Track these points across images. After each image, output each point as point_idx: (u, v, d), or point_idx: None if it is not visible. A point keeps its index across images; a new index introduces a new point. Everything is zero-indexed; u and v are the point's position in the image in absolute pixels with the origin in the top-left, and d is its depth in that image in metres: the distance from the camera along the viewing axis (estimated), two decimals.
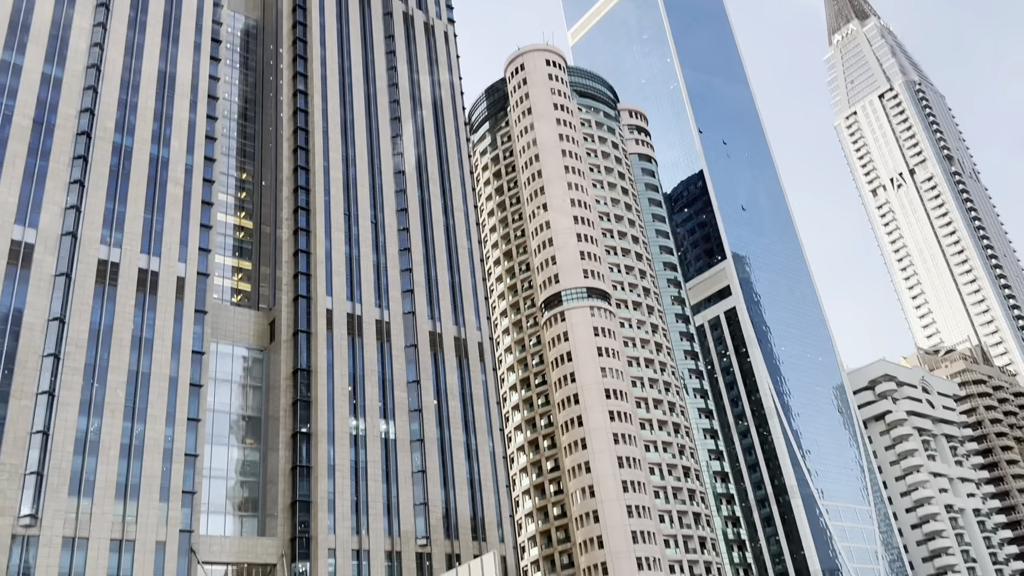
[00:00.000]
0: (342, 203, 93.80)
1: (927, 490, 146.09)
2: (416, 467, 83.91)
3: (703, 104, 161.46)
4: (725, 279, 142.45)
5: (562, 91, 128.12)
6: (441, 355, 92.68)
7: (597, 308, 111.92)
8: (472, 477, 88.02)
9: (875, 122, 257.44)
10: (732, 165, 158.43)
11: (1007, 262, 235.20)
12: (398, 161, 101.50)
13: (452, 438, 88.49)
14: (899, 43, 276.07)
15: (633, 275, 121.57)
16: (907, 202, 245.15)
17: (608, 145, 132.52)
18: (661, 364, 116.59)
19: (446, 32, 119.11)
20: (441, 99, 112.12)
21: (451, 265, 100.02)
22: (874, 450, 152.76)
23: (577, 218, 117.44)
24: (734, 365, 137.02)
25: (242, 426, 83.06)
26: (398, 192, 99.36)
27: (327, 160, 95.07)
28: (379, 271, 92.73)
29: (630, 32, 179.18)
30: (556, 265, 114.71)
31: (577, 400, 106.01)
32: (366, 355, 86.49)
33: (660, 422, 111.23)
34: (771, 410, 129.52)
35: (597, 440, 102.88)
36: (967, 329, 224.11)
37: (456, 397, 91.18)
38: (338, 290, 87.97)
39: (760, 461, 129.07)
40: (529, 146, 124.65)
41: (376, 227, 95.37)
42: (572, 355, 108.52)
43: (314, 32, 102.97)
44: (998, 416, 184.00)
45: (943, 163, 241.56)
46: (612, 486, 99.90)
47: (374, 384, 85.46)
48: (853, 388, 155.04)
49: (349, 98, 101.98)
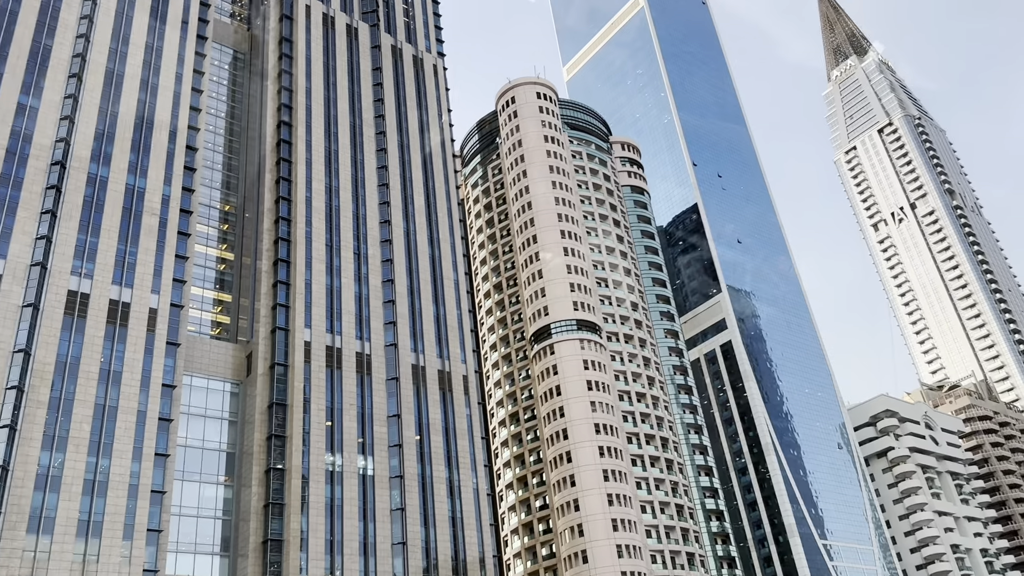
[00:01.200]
0: (324, 234, 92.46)
1: (932, 529, 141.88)
2: (395, 505, 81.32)
3: (697, 137, 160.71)
4: (721, 312, 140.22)
5: (553, 123, 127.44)
6: (424, 388, 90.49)
7: (587, 341, 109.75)
8: (454, 515, 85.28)
9: (875, 157, 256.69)
10: (727, 198, 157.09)
11: (1012, 296, 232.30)
12: (383, 192, 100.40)
13: (434, 474, 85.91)
14: (898, 78, 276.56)
15: (625, 308, 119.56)
16: (908, 236, 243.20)
17: (600, 177, 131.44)
18: (654, 399, 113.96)
19: (435, 65, 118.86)
20: (429, 131, 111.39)
21: (436, 297, 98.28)
22: (876, 488, 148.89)
23: (567, 250, 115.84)
24: (731, 400, 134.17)
25: (216, 462, 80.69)
26: (383, 223, 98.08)
27: (310, 190, 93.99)
28: (361, 302, 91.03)
29: (624, 68, 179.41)
30: (546, 297, 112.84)
31: (566, 435, 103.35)
32: (345, 388, 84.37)
33: (652, 458, 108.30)
34: (768, 446, 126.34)
35: (586, 477, 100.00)
36: (972, 365, 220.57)
37: (439, 432, 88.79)
38: (317, 322, 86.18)
39: (758, 499, 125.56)
40: (519, 178, 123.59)
41: (359, 258, 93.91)
42: (561, 389, 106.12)
43: (299, 64, 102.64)
44: (1004, 453, 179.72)
45: (944, 197, 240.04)
46: (601, 525, 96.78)
47: (353, 418, 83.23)
48: (854, 424, 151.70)
49: (334, 129, 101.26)
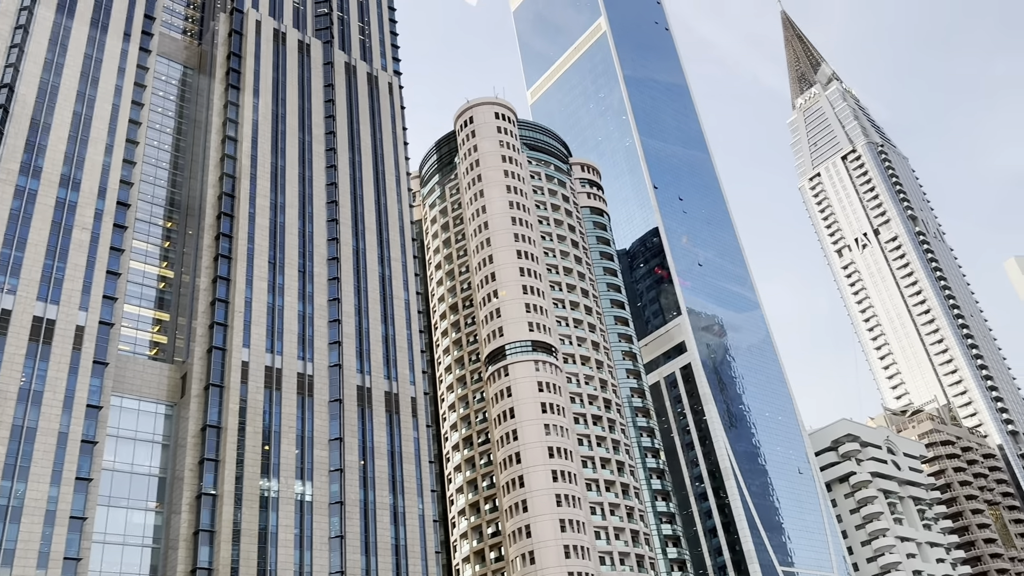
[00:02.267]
0: (267, 251, 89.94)
1: (894, 555, 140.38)
2: (334, 532, 78.16)
3: (658, 161, 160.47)
4: (681, 335, 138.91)
5: (511, 144, 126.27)
6: (369, 411, 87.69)
7: (542, 362, 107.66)
8: (398, 543, 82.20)
9: (839, 183, 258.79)
10: (688, 221, 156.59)
11: (974, 322, 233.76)
12: (332, 209, 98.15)
13: (377, 500, 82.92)
14: (861, 106, 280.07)
15: (582, 329, 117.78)
16: (872, 262, 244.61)
17: (558, 198, 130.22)
18: (610, 421, 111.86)
19: (391, 83, 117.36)
20: (383, 149, 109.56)
21: (385, 316, 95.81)
22: (839, 513, 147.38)
23: (523, 270, 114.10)
24: (691, 424, 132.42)
25: (146, 487, 77.14)
26: (331, 240, 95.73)
27: (253, 207, 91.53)
28: (305, 322, 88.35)
29: (587, 91, 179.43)
30: (501, 318, 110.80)
31: (519, 459, 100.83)
32: (284, 411, 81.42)
33: (607, 483, 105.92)
34: (728, 471, 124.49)
35: (538, 502, 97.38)
36: (936, 390, 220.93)
37: (384, 456, 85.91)
38: (257, 341, 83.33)
39: (718, 525, 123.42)
40: (476, 198, 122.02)
41: (304, 276, 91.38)
42: (515, 411, 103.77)
43: (247, 79, 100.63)
44: (967, 478, 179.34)
45: (907, 223, 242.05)
46: (553, 552, 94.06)
47: (291, 442, 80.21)
48: (816, 449, 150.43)
49: (282, 145, 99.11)
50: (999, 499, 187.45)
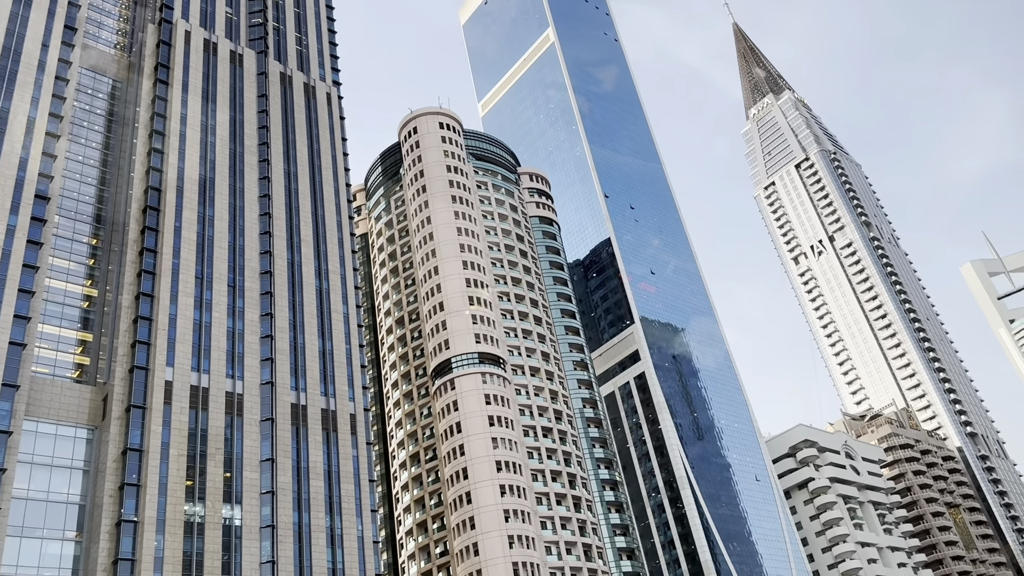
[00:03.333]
0: (194, 265, 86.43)
1: (855, 561, 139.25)
2: (265, 557, 74.46)
3: (609, 170, 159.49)
4: (634, 344, 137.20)
5: (456, 154, 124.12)
6: (304, 429, 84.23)
7: (490, 375, 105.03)
8: (335, 567, 78.68)
9: (793, 192, 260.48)
10: (640, 229, 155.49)
11: (931, 326, 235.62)
12: (265, 222, 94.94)
13: (312, 523, 79.38)
14: (813, 115, 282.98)
15: (531, 340, 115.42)
16: (828, 269, 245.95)
17: (506, 208, 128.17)
18: (561, 433, 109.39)
19: (329, 94, 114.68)
20: (320, 160, 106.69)
21: (323, 331, 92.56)
22: (799, 520, 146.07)
23: (469, 281, 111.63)
24: (646, 434, 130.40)
25: (63, 515, 72.90)
26: (263, 254, 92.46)
27: (179, 220, 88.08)
28: (235, 338, 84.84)
29: (537, 102, 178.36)
30: (447, 330, 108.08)
31: (466, 475, 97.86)
32: (211, 432, 77.75)
33: (559, 496, 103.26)
34: (683, 480, 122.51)
35: (486, 519, 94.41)
36: (895, 394, 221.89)
37: (320, 476, 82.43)
38: (181, 360, 79.68)
39: (675, 536, 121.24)
40: (421, 209, 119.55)
41: (234, 291, 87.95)
42: (462, 426, 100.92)
43: (175, 90, 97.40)
44: (927, 481, 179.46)
45: (861, 229, 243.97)
46: (502, 570, 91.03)
47: (219, 464, 76.50)
48: (774, 455, 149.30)
49: (211, 157, 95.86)
50: (959, 501, 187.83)
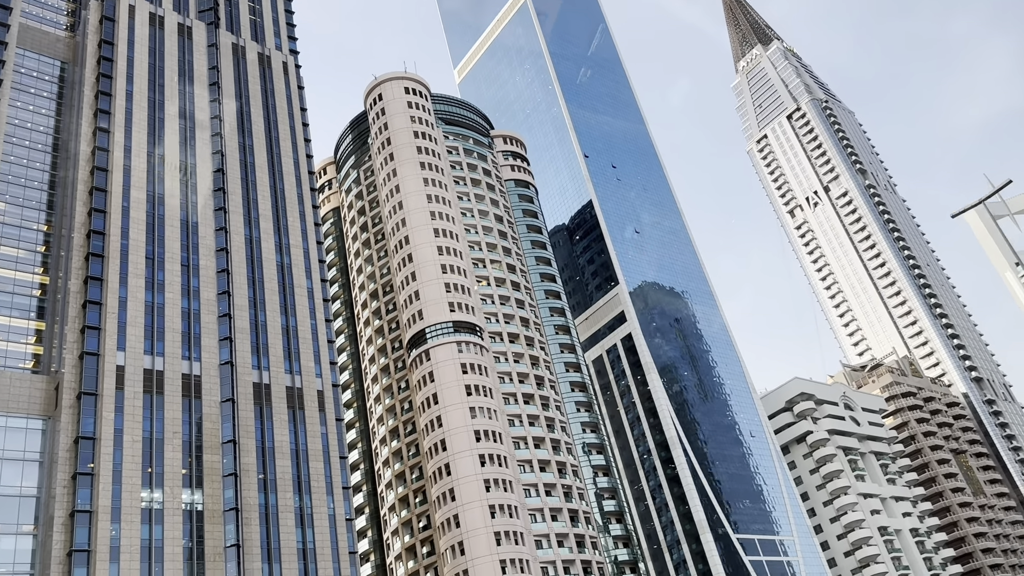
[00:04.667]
0: (144, 246, 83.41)
1: (857, 513, 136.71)
2: (230, 541, 72.11)
3: (588, 129, 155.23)
4: (619, 305, 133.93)
5: (423, 119, 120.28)
6: (268, 409, 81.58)
7: (466, 343, 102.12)
8: (305, 547, 76.30)
9: (786, 143, 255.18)
10: (623, 189, 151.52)
11: (931, 272, 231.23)
12: (219, 198, 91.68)
13: (279, 503, 76.93)
14: (804, 64, 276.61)
15: (509, 306, 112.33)
16: (824, 220, 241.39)
17: (479, 172, 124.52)
18: (543, 399, 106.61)
19: (285, 63, 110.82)
20: (277, 132, 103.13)
21: (285, 307, 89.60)
22: (799, 475, 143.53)
23: (442, 249, 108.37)
24: (635, 396, 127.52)
25: (16, 509, 70.65)
26: (219, 231, 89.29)
27: (127, 200, 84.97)
28: (191, 318, 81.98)
29: (512, 64, 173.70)
30: (420, 301, 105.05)
31: (445, 446, 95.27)
32: (168, 415, 75.15)
33: (542, 462, 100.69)
34: (674, 440, 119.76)
35: (466, 490, 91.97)
36: (897, 343, 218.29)
37: (286, 456, 79.90)
38: (133, 343, 76.94)
39: (668, 498, 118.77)
40: (390, 177, 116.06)
41: (188, 270, 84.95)
42: (439, 397, 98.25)
43: (120, 67, 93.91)
44: (931, 428, 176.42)
45: (856, 177, 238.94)
46: (484, 541, 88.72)
47: (177, 448, 73.99)
48: (771, 411, 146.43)
49: (161, 133, 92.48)
50: (965, 447, 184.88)
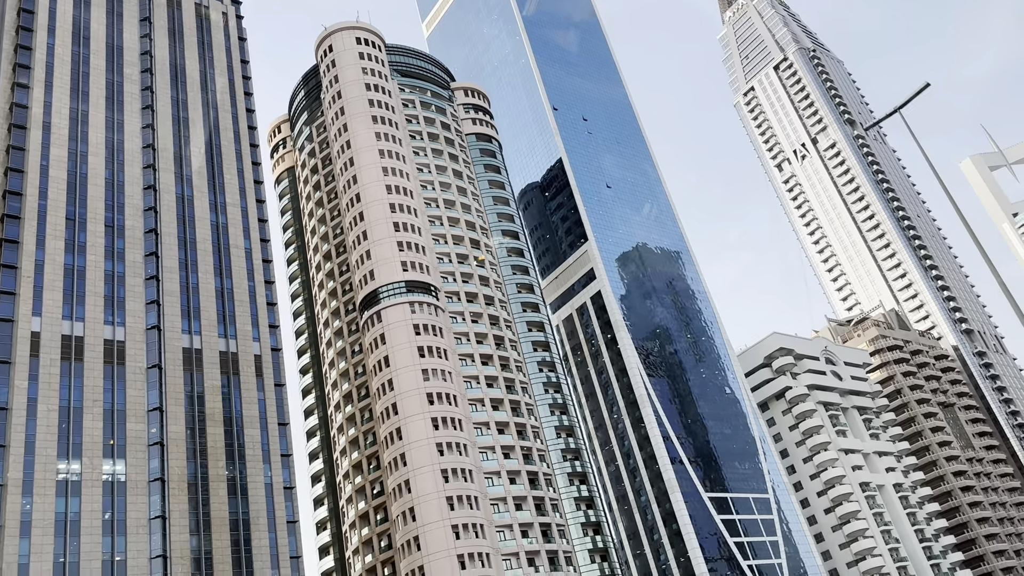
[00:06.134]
0: (64, 206, 79.14)
1: (837, 469, 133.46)
2: (155, 512, 68.82)
3: (558, 80, 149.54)
4: (589, 262, 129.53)
5: (376, 71, 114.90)
6: (199, 375, 77.89)
7: (419, 304, 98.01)
8: (238, 517, 73.08)
9: (772, 95, 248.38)
10: (594, 143, 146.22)
11: (921, 223, 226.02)
12: (148, 155, 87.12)
13: (210, 473, 73.58)
14: (792, 13, 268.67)
15: (467, 264, 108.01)
16: (813, 172, 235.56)
17: (437, 126, 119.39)
18: (503, 360, 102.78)
19: (225, 13, 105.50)
20: (215, 86, 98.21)
21: (220, 269, 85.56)
22: (778, 432, 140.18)
23: (394, 206, 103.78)
24: (605, 355, 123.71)
25: None
26: (147, 189, 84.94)
27: (46, 158, 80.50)
28: (115, 282, 77.98)
29: (480, 14, 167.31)
30: (371, 260, 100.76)
31: (397, 410, 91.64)
32: (88, 383, 71.49)
33: (500, 424, 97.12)
34: (643, 398, 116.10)
35: (418, 454, 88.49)
36: (886, 296, 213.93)
37: (218, 423, 76.37)
38: (51, 308, 73.05)
39: (638, 459, 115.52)
40: (340, 132, 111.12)
41: (113, 231, 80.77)
42: (390, 359, 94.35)
43: (40, 19, 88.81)
44: (918, 382, 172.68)
45: (844, 128, 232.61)
46: (435, 506, 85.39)
47: (97, 417, 70.42)
48: (750, 367, 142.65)
49: (84, 88, 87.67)
50: (953, 400, 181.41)
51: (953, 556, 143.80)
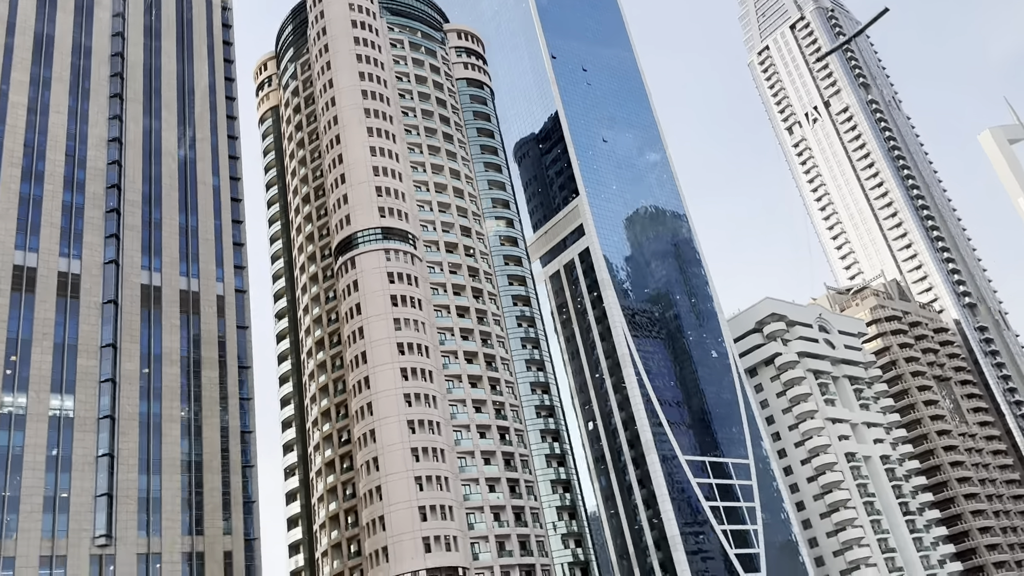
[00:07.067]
0: (23, 133, 76.37)
1: (822, 438, 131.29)
2: (103, 450, 67.23)
3: (558, 26, 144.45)
4: (578, 217, 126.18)
5: (363, 7, 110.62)
6: (157, 312, 75.74)
7: (395, 251, 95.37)
8: (191, 459, 71.50)
9: (787, 55, 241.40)
10: (593, 94, 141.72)
11: (931, 193, 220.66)
12: (115, 83, 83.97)
13: (164, 413, 71.85)
14: None
15: (449, 214, 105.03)
16: (823, 137, 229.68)
17: (426, 69, 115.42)
18: (480, 312, 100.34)
19: None
20: (191, 14, 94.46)
21: (186, 205, 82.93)
22: (765, 398, 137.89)
23: (374, 150, 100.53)
24: (590, 313, 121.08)
25: None
26: (112, 119, 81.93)
27: (6, 83, 77.65)
28: (73, 213, 75.50)
29: None
30: (348, 204, 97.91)
31: (366, 359, 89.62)
32: (38, 315, 69.46)
33: (474, 378, 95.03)
34: (625, 358, 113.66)
35: (384, 403, 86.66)
36: (890, 266, 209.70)
37: (175, 363, 74.44)
38: (2, 237, 70.72)
39: (617, 421, 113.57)
40: (324, 71, 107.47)
41: (74, 161, 78.08)
42: (361, 307, 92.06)
43: None
44: (915, 354, 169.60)
45: (859, 92, 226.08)
46: (399, 457, 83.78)
47: (47, 351, 68.51)
48: (742, 331, 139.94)
49: (51, 12, 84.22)
50: (950, 375, 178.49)
51: (937, 531, 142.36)
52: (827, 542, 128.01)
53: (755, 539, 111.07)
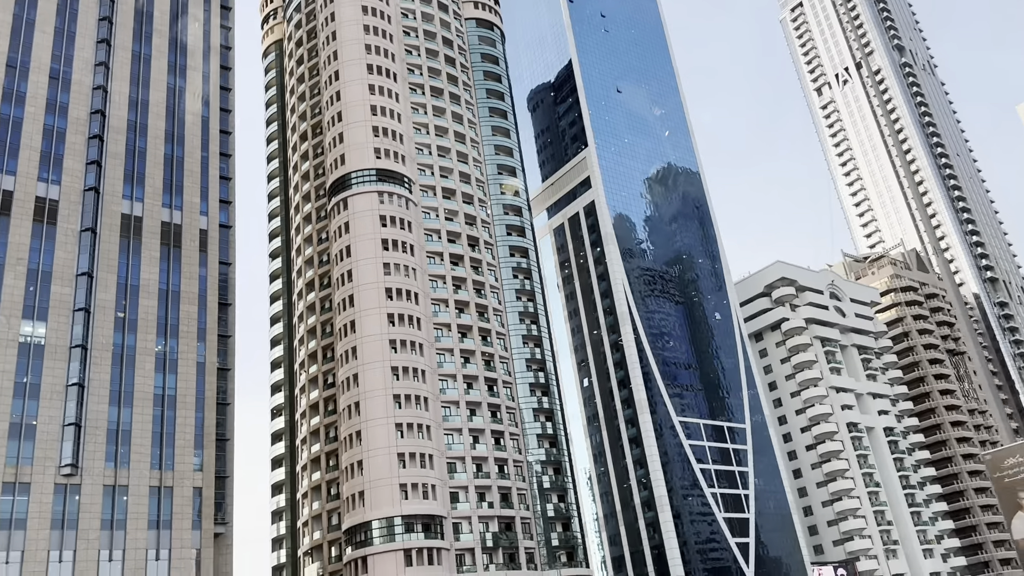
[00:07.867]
0: (6, 53, 74.23)
1: (824, 406, 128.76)
2: (73, 379, 66.28)
3: None
4: (586, 169, 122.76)
5: None
6: (136, 243, 74.17)
7: (388, 194, 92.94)
8: (164, 393, 70.46)
9: (821, 12, 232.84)
10: (610, 41, 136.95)
11: (959, 162, 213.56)
12: (106, 6, 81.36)
13: (139, 345, 70.66)
14: None
15: (449, 158, 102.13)
16: (853, 99, 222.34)
17: (433, 6, 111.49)
18: (474, 261, 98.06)
19: None
20: None
21: (172, 135, 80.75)
22: (769, 363, 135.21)
23: (373, 88, 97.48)
24: (591, 267, 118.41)
25: None
26: (100, 43, 79.54)
27: None
28: (54, 137, 73.65)
29: None
30: (344, 144, 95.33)
31: (353, 302, 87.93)
32: (12, 240, 68.10)
33: (463, 328, 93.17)
34: (624, 316, 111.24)
35: (369, 348, 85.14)
36: (911, 232, 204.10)
37: (153, 296, 73.02)
38: None
39: (613, 380, 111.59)
40: (326, 3, 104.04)
41: (58, 83, 75.99)
42: (352, 249, 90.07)
43: None
44: (928, 326, 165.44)
45: (892, 54, 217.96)
46: (380, 402, 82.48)
47: (20, 276, 67.27)
48: (750, 295, 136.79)
49: None
50: (964, 349, 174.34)
51: (937, 506, 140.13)
52: (822, 511, 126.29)
53: (746, 504, 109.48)
